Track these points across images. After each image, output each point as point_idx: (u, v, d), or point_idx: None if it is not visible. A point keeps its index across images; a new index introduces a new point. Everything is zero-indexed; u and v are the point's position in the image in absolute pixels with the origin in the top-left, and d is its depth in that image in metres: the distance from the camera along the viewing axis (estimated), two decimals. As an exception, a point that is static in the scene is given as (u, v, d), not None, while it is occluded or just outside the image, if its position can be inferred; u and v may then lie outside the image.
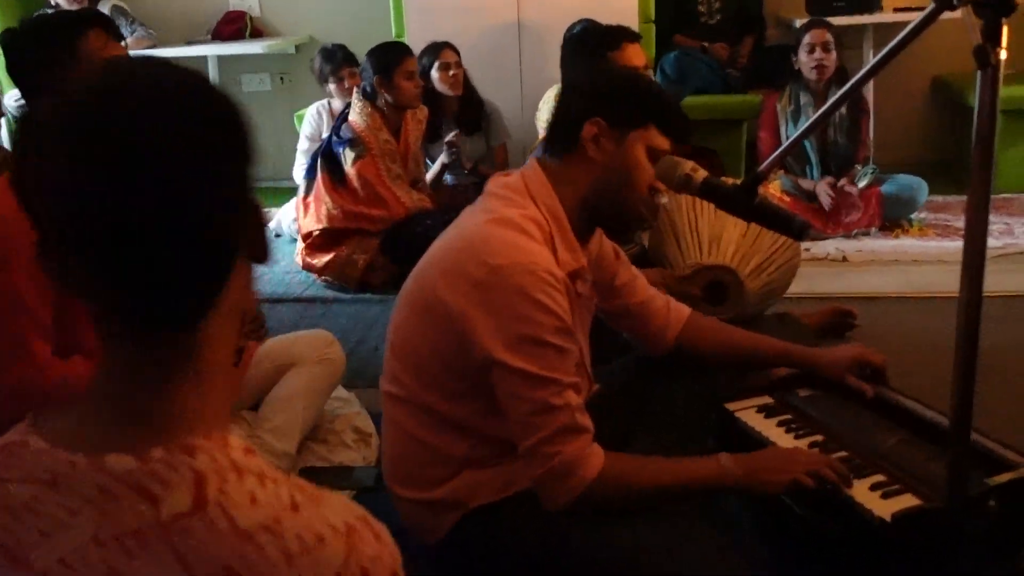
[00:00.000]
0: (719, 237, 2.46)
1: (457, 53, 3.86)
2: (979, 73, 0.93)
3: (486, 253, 1.38)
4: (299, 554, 0.64)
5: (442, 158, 3.82)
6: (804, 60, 3.86)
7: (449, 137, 3.79)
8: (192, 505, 0.64)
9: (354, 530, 0.67)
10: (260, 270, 3.54)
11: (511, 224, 1.42)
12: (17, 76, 1.66)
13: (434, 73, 3.84)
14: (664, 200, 1.53)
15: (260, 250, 0.74)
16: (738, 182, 1.46)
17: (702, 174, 1.45)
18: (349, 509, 0.69)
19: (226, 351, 0.73)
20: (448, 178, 4.00)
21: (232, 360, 0.75)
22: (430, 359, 1.46)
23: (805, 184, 3.91)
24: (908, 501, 1.41)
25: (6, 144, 3.07)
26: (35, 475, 0.67)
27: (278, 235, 4.18)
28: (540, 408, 1.36)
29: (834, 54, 3.83)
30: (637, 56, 2.42)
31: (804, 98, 3.91)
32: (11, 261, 1.55)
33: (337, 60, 4.12)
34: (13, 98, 4.43)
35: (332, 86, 4.15)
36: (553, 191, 1.48)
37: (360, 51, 3.66)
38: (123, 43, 5.16)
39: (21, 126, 0.67)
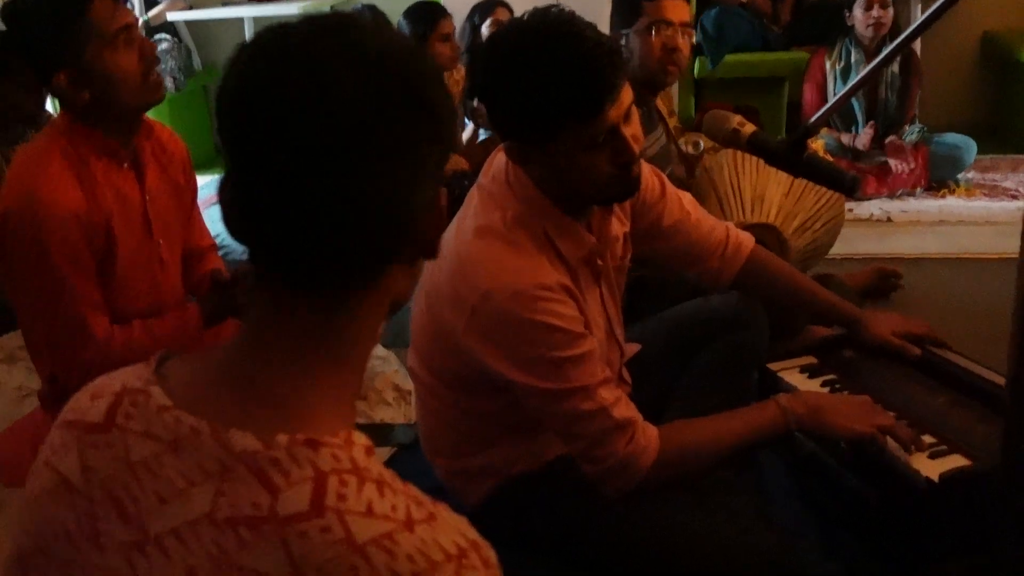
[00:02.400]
0: (762, 196, 2.42)
1: (511, 12, 3.83)
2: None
3: (474, 275, 1.30)
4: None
5: (470, 126, 3.80)
6: (859, 17, 3.74)
7: (477, 104, 3.76)
8: (310, 507, 0.62)
9: (465, 556, 0.64)
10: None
11: (495, 234, 1.32)
12: (28, 54, 1.60)
13: (484, 29, 3.82)
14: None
15: (430, 246, 0.72)
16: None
17: (750, 128, 1.41)
18: (462, 532, 0.66)
19: (368, 341, 0.71)
20: (482, 133, 3.97)
21: (368, 355, 0.73)
22: (446, 367, 1.44)
23: (847, 139, 3.82)
24: (956, 461, 1.38)
25: (50, 110, 3.10)
26: (157, 433, 0.66)
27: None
28: (572, 417, 1.31)
29: (891, 11, 3.73)
30: (677, 10, 2.33)
31: (855, 55, 3.81)
32: (49, 244, 1.53)
33: None
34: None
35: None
36: (529, 181, 1.35)
37: (398, 9, 3.63)
38: (159, 6, 5.11)
39: (234, 69, 0.66)
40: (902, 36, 1.20)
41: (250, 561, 0.61)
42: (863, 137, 3.74)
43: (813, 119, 1.34)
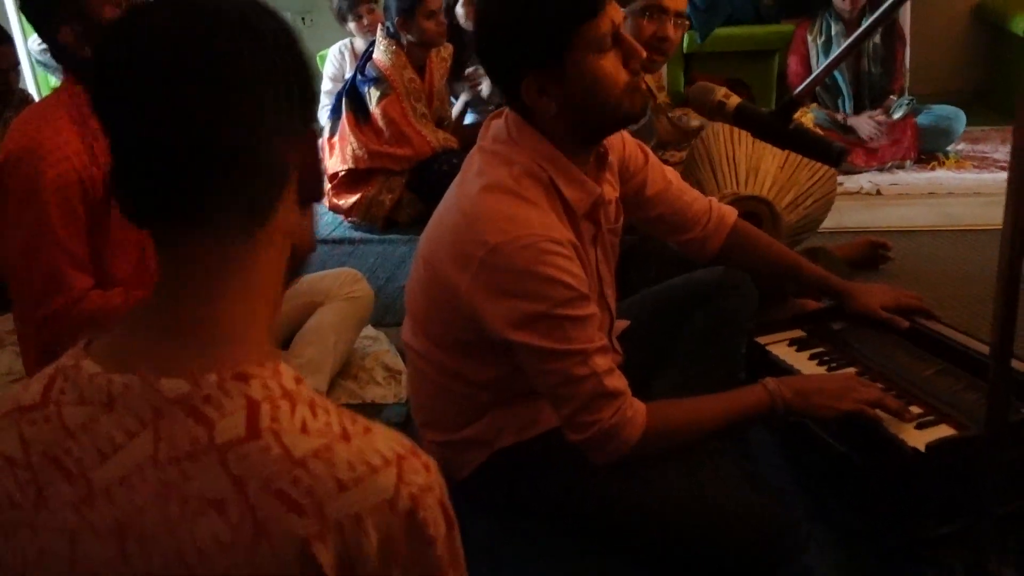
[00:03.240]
0: (756, 169, 2.41)
1: None
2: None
3: (483, 231, 1.29)
4: (350, 481, 0.65)
5: (464, 95, 3.76)
6: (836, -12, 3.73)
7: (468, 71, 3.73)
8: (246, 432, 0.65)
9: (404, 459, 0.68)
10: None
11: (504, 189, 1.32)
12: (32, 17, 1.66)
13: (458, 9, 3.77)
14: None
15: (312, 187, 0.77)
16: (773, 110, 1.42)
17: (735, 100, 1.40)
18: (398, 440, 0.70)
19: (273, 277, 0.74)
20: (470, 116, 3.95)
21: (280, 291, 0.76)
22: (444, 332, 1.44)
23: (839, 116, 3.82)
24: (943, 431, 1.39)
25: (30, 87, 3.09)
26: (90, 397, 0.69)
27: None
28: (565, 380, 1.32)
29: (866, -18, 3.71)
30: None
31: (836, 28, 3.80)
32: (41, 194, 1.57)
33: None
34: (37, 42, 4.42)
35: (352, 24, 4.08)
36: (535, 131, 1.36)
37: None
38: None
39: (98, 52, 0.70)
40: (881, 9, 1.19)
41: (194, 490, 0.65)
42: (865, 128, 3.72)
43: (797, 90, 1.33)
